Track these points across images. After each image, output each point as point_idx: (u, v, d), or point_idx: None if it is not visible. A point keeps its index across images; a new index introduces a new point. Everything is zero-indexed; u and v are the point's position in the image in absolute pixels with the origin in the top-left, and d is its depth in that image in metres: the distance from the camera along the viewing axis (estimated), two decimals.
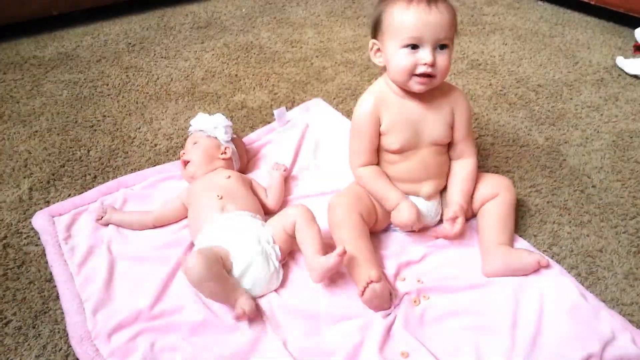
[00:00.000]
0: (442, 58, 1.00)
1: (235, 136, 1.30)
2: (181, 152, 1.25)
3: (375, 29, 1.06)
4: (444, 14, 0.98)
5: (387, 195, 1.08)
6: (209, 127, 1.24)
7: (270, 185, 1.22)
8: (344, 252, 0.95)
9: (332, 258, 0.95)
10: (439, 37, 0.98)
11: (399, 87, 1.06)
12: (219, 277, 0.93)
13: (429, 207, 1.12)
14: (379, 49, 1.06)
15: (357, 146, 1.11)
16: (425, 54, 0.99)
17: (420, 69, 1.00)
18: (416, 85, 1.02)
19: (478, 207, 1.13)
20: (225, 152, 1.24)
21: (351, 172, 1.14)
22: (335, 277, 1.03)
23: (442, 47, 1.00)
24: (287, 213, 1.05)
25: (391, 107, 1.07)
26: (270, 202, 1.19)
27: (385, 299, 0.97)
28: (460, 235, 1.08)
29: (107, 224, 1.14)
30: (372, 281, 0.94)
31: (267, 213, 1.17)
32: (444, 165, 1.13)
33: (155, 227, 1.15)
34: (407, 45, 0.99)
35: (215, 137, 1.24)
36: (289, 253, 1.07)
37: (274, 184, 1.22)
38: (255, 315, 0.95)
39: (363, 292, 0.95)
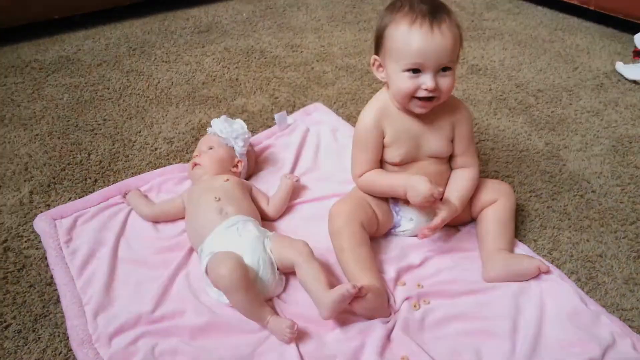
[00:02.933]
0: (444, 80, 0.99)
1: (250, 148, 1.30)
2: (194, 154, 1.24)
3: (378, 45, 1.05)
4: (447, 37, 0.96)
5: (395, 183, 1.06)
6: (231, 136, 1.24)
7: (275, 192, 1.21)
8: (355, 289, 0.90)
9: (342, 289, 0.89)
10: (441, 62, 0.97)
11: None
12: (249, 288, 0.93)
13: (429, 215, 1.12)
14: (380, 65, 1.05)
15: (361, 157, 1.10)
16: (426, 79, 0.98)
17: (421, 94, 0.99)
18: (417, 107, 1.03)
19: (477, 212, 1.13)
20: (237, 167, 1.24)
21: (353, 181, 1.13)
22: (335, 283, 1.03)
23: (445, 69, 0.99)
24: (285, 250, 1.01)
25: (394, 120, 1.07)
26: (271, 210, 1.18)
27: (380, 309, 0.96)
28: (435, 230, 1.05)
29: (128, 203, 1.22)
30: (364, 294, 0.92)
31: (267, 220, 1.18)
32: (444, 174, 1.13)
33: (154, 221, 1.17)
34: (409, 70, 0.99)
35: (232, 147, 1.24)
36: None
37: (280, 192, 1.20)
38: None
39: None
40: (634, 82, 1.75)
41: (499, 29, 2.14)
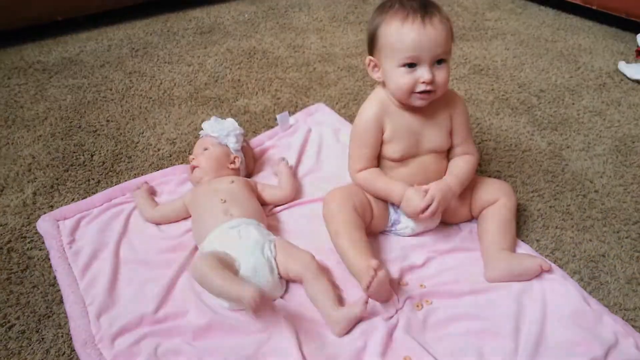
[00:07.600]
0: (440, 73, 1.00)
1: (245, 144, 1.30)
2: (190, 157, 1.25)
3: (371, 46, 1.05)
4: (439, 29, 0.97)
5: (391, 188, 1.07)
6: (222, 134, 1.25)
7: (279, 178, 1.25)
8: (367, 301, 0.92)
9: (357, 308, 0.92)
10: (436, 53, 0.98)
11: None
12: (220, 270, 0.93)
13: None
14: (375, 65, 1.06)
15: (358, 152, 1.11)
16: (423, 73, 0.99)
17: (420, 87, 1.00)
18: (417, 101, 1.03)
19: (478, 212, 1.13)
20: (234, 162, 1.24)
21: (350, 176, 1.14)
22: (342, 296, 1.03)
23: (440, 61, 1.00)
24: (291, 263, 1.00)
25: (393, 116, 1.08)
26: (284, 192, 1.22)
27: (389, 289, 0.97)
28: (434, 215, 1.04)
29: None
30: (375, 271, 0.91)
31: (285, 203, 1.22)
32: (443, 170, 1.13)
33: (154, 222, 1.18)
34: (405, 65, 0.99)
35: (226, 145, 1.25)
36: None
37: (284, 176, 1.24)
38: (268, 304, 0.94)
39: (369, 285, 0.92)
40: (637, 81, 1.74)
41: (502, 28, 2.14)
